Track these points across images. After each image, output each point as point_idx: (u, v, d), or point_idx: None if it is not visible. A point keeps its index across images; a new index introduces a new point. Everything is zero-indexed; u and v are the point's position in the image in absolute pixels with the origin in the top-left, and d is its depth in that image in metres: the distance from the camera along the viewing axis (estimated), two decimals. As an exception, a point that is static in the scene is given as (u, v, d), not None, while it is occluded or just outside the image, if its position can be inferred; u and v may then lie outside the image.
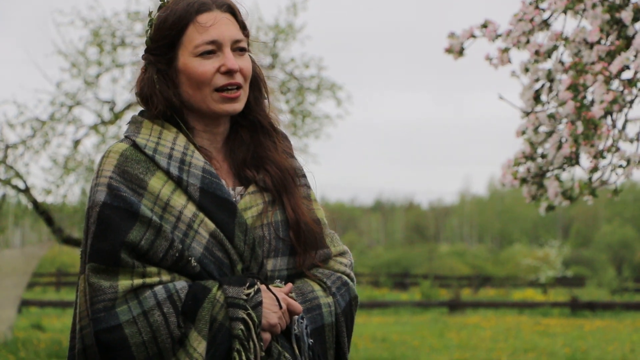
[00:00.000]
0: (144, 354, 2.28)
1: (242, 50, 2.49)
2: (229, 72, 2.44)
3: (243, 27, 2.52)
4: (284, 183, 2.52)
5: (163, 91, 2.46)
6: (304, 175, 2.62)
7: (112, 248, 2.31)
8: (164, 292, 2.31)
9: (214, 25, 2.45)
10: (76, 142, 14.64)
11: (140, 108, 2.57)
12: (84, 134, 14.76)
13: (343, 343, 2.54)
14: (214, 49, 2.45)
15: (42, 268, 35.75)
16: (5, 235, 16.28)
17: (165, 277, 2.34)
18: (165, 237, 2.34)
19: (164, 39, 2.47)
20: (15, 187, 14.48)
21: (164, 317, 2.29)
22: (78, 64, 14.43)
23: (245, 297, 2.35)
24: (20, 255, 15.26)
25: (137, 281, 2.31)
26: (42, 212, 14.60)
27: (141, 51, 2.55)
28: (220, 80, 2.45)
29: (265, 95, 2.60)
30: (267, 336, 2.38)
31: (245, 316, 2.33)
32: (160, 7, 2.51)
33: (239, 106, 2.48)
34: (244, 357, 2.33)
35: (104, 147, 14.27)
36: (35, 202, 14.48)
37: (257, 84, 2.58)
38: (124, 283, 2.30)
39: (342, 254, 2.61)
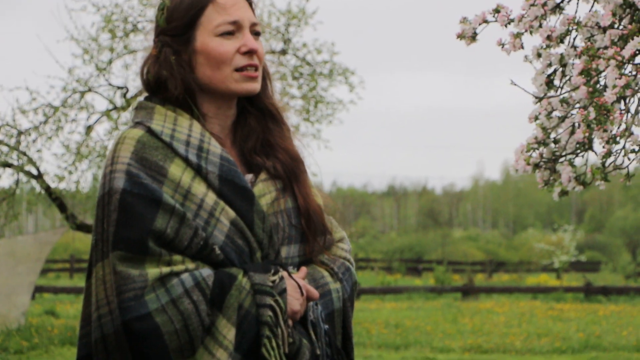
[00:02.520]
0: (176, 342, 2.28)
1: (257, 34, 2.50)
2: (249, 53, 2.45)
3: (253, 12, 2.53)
4: (294, 170, 2.53)
5: (181, 74, 2.45)
6: (303, 161, 2.63)
7: (140, 236, 2.29)
8: (191, 280, 2.31)
9: (234, 6, 2.45)
10: (88, 128, 14.66)
11: (142, 97, 2.54)
12: (96, 120, 14.78)
13: (349, 327, 2.57)
14: (234, 29, 2.45)
15: (56, 254, 35.90)
16: (19, 221, 16.32)
17: (190, 265, 2.34)
18: (189, 225, 2.33)
19: (182, 19, 2.46)
20: (28, 174, 14.51)
21: (194, 304, 2.29)
22: (90, 50, 14.44)
23: (271, 283, 2.36)
24: (33, 242, 15.30)
25: (165, 269, 2.30)
26: (55, 198, 14.63)
27: (152, 36, 2.54)
28: (241, 61, 2.45)
29: (269, 83, 2.60)
30: (289, 323, 2.39)
31: (273, 303, 2.35)
32: None
33: (258, 86, 2.49)
34: (274, 344, 2.34)
35: (116, 133, 14.29)
36: (48, 189, 14.51)
37: (265, 73, 2.58)
38: (152, 271, 2.30)
39: (341, 239, 2.63)
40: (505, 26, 5.11)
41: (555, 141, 5.19)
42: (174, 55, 2.47)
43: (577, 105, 4.98)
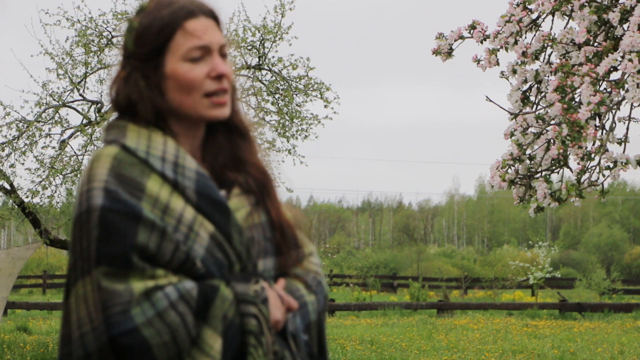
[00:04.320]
0: (165, 355, 2.27)
1: (225, 56, 2.49)
2: (219, 77, 2.44)
3: (222, 33, 2.52)
4: (265, 185, 2.54)
5: (151, 98, 2.44)
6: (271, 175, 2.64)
7: (124, 251, 2.29)
8: (175, 293, 2.30)
9: (202, 31, 2.44)
10: (62, 143, 14.57)
11: (112, 116, 2.53)
12: (70, 134, 14.70)
13: (324, 339, 2.58)
14: (203, 54, 2.44)
15: (29, 270, 35.68)
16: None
17: (173, 278, 2.33)
18: (170, 239, 2.33)
19: (151, 44, 2.44)
20: (1, 188, 14.40)
21: (180, 316, 2.29)
22: (64, 64, 14.37)
23: (253, 293, 2.36)
24: (6, 257, 15.17)
25: (150, 283, 2.30)
26: (29, 213, 14.53)
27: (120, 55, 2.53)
28: (210, 85, 2.44)
29: (236, 98, 2.60)
30: (273, 332, 2.39)
31: (256, 312, 2.35)
32: (139, 12, 2.49)
33: (227, 111, 2.49)
34: (260, 352, 2.34)
35: (91, 148, 14.21)
36: (21, 204, 14.41)
37: (232, 90, 2.57)
38: (138, 285, 2.29)
39: (311, 254, 2.65)
40: (481, 42, 5.12)
41: (531, 158, 5.19)
42: (143, 80, 2.46)
43: (553, 122, 4.98)
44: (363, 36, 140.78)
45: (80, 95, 14.65)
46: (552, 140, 4.90)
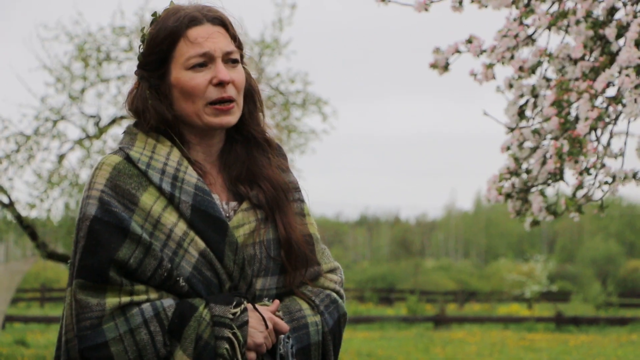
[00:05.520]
0: None
1: (235, 62, 2.48)
2: (221, 84, 2.43)
3: (234, 39, 2.51)
4: (277, 200, 2.51)
5: (156, 106, 2.45)
6: (298, 189, 2.61)
7: (101, 265, 2.30)
8: (151, 310, 2.30)
9: (205, 38, 2.44)
10: (61, 157, 14.58)
11: (127, 122, 2.56)
12: (68, 148, 14.71)
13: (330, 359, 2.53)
14: (205, 61, 2.44)
15: (26, 283, 35.56)
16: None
17: (153, 295, 2.33)
18: (154, 255, 2.33)
19: (156, 54, 2.47)
20: (-1, 202, 14.40)
21: (150, 335, 2.29)
22: (63, 78, 14.39)
23: (231, 316, 2.34)
24: (4, 271, 15.17)
25: (125, 299, 2.30)
26: (26, 226, 14.52)
27: (127, 66, 2.57)
28: (213, 94, 2.44)
29: (260, 109, 2.59)
30: (252, 356, 2.37)
31: (230, 335, 2.33)
32: (152, 23, 2.51)
33: (233, 119, 2.47)
34: None
35: (89, 161, 14.23)
36: (19, 217, 14.41)
37: (251, 96, 2.56)
38: (111, 300, 2.29)
39: (332, 270, 2.61)
40: (478, 56, 5.15)
41: (527, 171, 5.22)
42: (149, 90, 2.47)
43: (549, 136, 5.01)
44: (362, 48, 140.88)
45: (79, 109, 14.67)
46: (548, 155, 4.94)
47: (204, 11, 2.49)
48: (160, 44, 2.46)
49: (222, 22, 2.50)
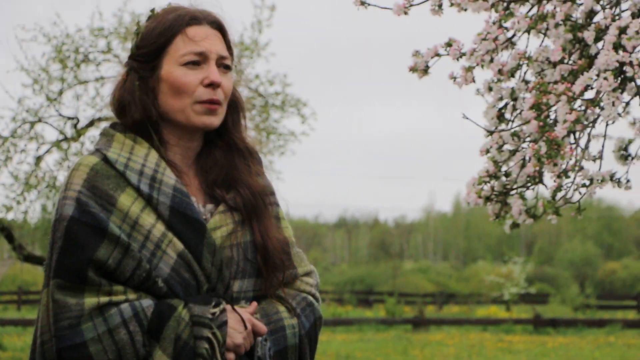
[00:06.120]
0: None
1: (227, 68, 2.51)
2: (212, 86, 2.45)
3: (229, 47, 2.53)
4: (254, 205, 2.52)
5: (142, 99, 2.46)
6: (273, 193, 2.62)
7: (79, 265, 2.29)
8: (130, 310, 2.30)
9: (202, 38, 2.47)
10: (38, 159, 14.52)
11: (105, 124, 2.55)
12: (46, 150, 14.65)
13: None
14: (199, 60, 2.46)
15: (3, 286, 35.40)
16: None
17: (132, 295, 2.33)
18: (132, 256, 2.32)
19: (151, 46, 2.48)
20: (-25, 204, 14.32)
21: (129, 335, 2.28)
22: (40, 80, 14.33)
23: (210, 316, 2.34)
24: (-20, 273, 15.08)
25: (104, 299, 2.30)
26: (3, 229, 14.45)
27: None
28: (203, 94, 2.45)
29: (243, 118, 2.60)
30: (231, 356, 2.37)
31: (210, 335, 2.33)
32: (149, 18, 2.53)
33: (217, 121, 2.49)
34: None
35: (66, 163, 14.16)
36: (-5, 219, 14.33)
37: (235, 106, 2.58)
38: (90, 301, 2.29)
39: (308, 273, 2.62)
40: (457, 60, 5.15)
41: (506, 174, 5.22)
42: (138, 81, 2.48)
43: (528, 139, 5.02)
44: (342, 51, 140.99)
45: (56, 111, 14.60)
46: (527, 158, 4.95)
47: (205, 13, 2.52)
48: (158, 37, 2.47)
49: (220, 27, 2.54)
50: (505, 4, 4.95)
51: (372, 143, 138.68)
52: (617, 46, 4.45)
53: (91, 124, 14.53)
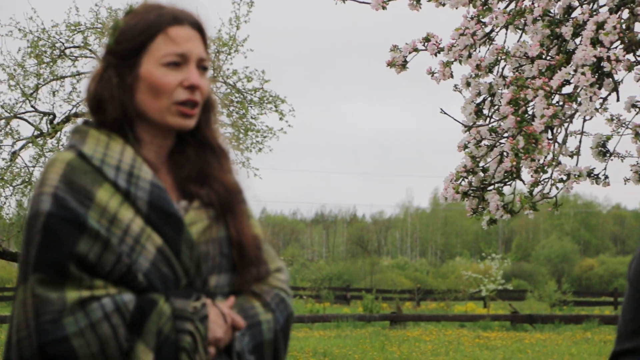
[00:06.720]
0: None
1: (205, 69, 2.49)
2: (191, 88, 2.44)
3: (206, 48, 2.52)
4: (229, 201, 2.51)
5: (121, 97, 2.43)
6: (242, 191, 2.62)
7: (60, 259, 2.27)
8: (111, 304, 2.29)
9: (184, 39, 2.45)
10: (13, 155, 14.44)
11: (81, 119, 2.53)
12: (21, 146, 14.56)
13: (281, 359, 2.54)
14: (180, 61, 2.44)
15: (-21, 282, 35.23)
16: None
17: (112, 290, 2.31)
18: (112, 251, 2.31)
19: (131, 43, 2.45)
20: (-50, 200, 14.22)
21: (112, 329, 2.27)
22: (16, 75, 14.24)
23: (192, 310, 2.34)
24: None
25: (85, 293, 2.28)
26: (-22, 225, 14.37)
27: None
28: (182, 95, 2.44)
29: (213, 115, 2.59)
30: (212, 350, 2.36)
31: (192, 329, 2.32)
32: (127, 13, 2.50)
33: (192, 123, 2.48)
34: None
35: (42, 160, 14.09)
36: (-30, 215, 14.24)
37: (207, 104, 2.57)
38: (72, 295, 2.27)
39: (279, 269, 2.63)
40: (435, 55, 5.15)
41: (484, 170, 5.23)
42: (117, 78, 2.45)
43: (506, 135, 5.02)
44: (320, 47, 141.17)
45: (32, 106, 14.52)
46: (505, 153, 4.95)
47: (186, 14, 2.50)
48: (139, 35, 2.45)
49: (200, 29, 2.51)
50: (483, 0, 4.94)
51: (350, 140, 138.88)
52: (595, 42, 4.46)
53: (67, 119, 14.46)
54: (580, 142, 5.11)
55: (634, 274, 2.27)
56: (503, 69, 5.05)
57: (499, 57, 4.97)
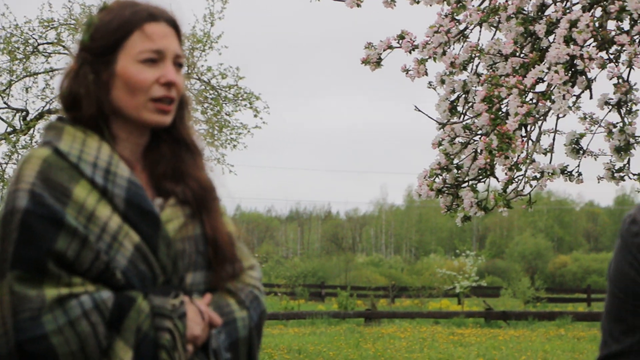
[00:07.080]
0: None
1: (180, 66, 2.49)
2: (168, 84, 2.43)
3: (181, 45, 2.52)
4: (204, 199, 2.51)
5: (96, 93, 2.42)
6: (215, 188, 2.62)
7: (39, 256, 2.25)
8: (90, 302, 2.27)
9: (160, 36, 2.44)
10: (-14, 151, 14.35)
11: (54, 116, 2.51)
12: (-6, 142, 14.48)
13: (255, 356, 2.56)
14: (156, 58, 2.43)
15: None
16: None
17: (90, 287, 2.30)
18: (90, 248, 2.30)
19: (107, 39, 2.43)
20: None
21: (92, 326, 2.26)
22: (-12, 71, 14.15)
23: (170, 307, 2.33)
24: None
25: (64, 291, 2.27)
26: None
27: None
28: (158, 92, 2.43)
29: (187, 112, 2.59)
30: (190, 348, 2.36)
31: (171, 326, 2.32)
32: (102, 10, 2.48)
33: (168, 119, 2.47)
34: None
35: (15, 156, 14.01)
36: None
37: (181, 101, 2.57)
38: (50, 292, 2.26)
39: (252, 267, 2.63)
40: (410, 52, 5.16)
41: (458, 167, 5.24)
42: (92, 74, 2.44)
43: (480, 132, 5.04)
44: (295, 44, 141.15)
45: (5, 103, 14.43)
46: (479, 150, 4.96)
47: (161, 10, 2.50)
48: (114, 31, 2.43)
49: (175, 26, 2.51)
50: (457, -3, 4.95)
51: (325, 136, 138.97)
52: (568, 39, 4.48)
53: (41, 116, 14.38)
54: (554, 139, 5.13)
55: (615, 273, 2.20)
56: (477, 66, 5.07)
57: (473, 55, 4.98)
